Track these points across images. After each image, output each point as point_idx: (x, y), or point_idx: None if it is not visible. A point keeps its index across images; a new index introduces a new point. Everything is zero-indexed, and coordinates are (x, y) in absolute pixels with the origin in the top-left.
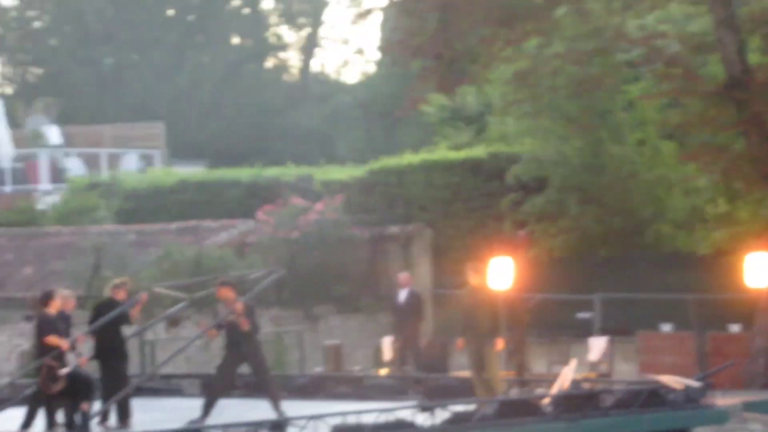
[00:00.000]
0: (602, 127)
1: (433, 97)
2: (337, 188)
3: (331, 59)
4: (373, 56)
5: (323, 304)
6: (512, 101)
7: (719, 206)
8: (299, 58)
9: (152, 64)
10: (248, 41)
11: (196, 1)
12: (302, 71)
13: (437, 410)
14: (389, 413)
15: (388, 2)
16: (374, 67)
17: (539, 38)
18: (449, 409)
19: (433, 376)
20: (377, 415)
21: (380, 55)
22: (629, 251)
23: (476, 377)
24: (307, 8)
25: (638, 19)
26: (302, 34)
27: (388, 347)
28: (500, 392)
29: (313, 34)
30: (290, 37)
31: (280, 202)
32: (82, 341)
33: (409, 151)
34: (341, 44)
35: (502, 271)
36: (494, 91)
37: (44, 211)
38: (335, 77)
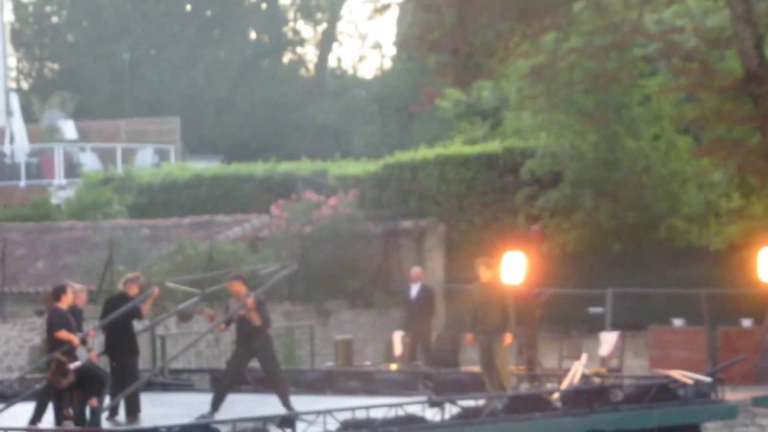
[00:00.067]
0: (618, 121)
1: (449, 91)
2: (351, 183)
3: (347, 54)
4: (389, 51)
5: (335, 298)
6: (528, 96)
7: (733, 201)
8: (316, 53)
9: (168, 59)
10: (265, 36)
11: None
12: (318, 66)
13: (447, 405)
14: (399, 408)
15: None
16: (390, 62)
17: (556, 33)
18: (459, 404)
19: (443, 371)
20: (387, 410)
21: (396, 50)
22: (643, 246)
23: (486, 372)
24: (324, 3)
25: (656, 13)
26: (319, 29)
27: (398, 342)
28: (509, 387)
29: (330, 29)
30: (307, 32)
31: (294, 196)
32: (92, 336)
33: (424, 145)
34: (358, 39)
35: (514, 265)
36: (510, 85)
37: (58, 205)
38: (351, 72)
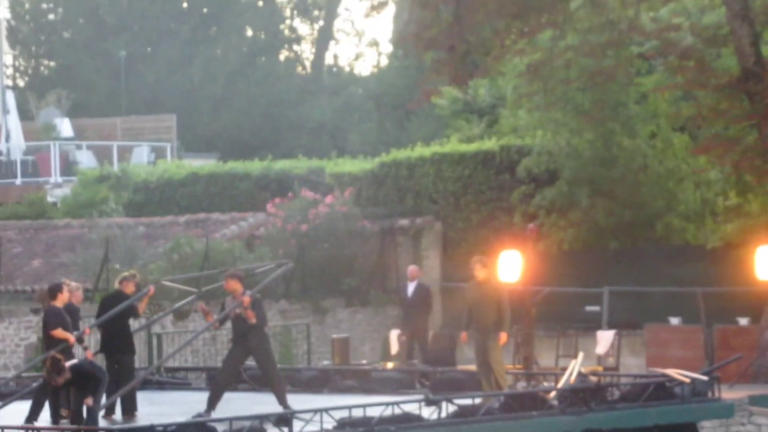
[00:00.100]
0: (614, 119)
1: (445, 89)
2: (347, 181)
3: (344, 52)
4: (386, 49)
5: (331, 297)
6: (525, 94)
7: (730, 199)
8: (312, 50)
9: (165, 56)
10: (261, 34)
11: None
12: (315, 64)
13: (444, 404)
14: (396, 407)
15: None
16: (387, 59)
17: (553, 30)
18: (456, 402)
19: (440, 369)
20: (384, 408)
21: (393, 47)
22: (639, 244)
23: (481, 371)
24: (320, 1)
25: (652, 11)
26: (316, 26)
27: (395, 340)
28: (505, 386)
29: (326, 26)
30: (304, 29)
31: (290, 194)
32: (88, 334)
33: (420, 143)
34: (354, 37)
35: (511, 263)
36: (507, 83)
37: (54, 203)
38: (348, 70)
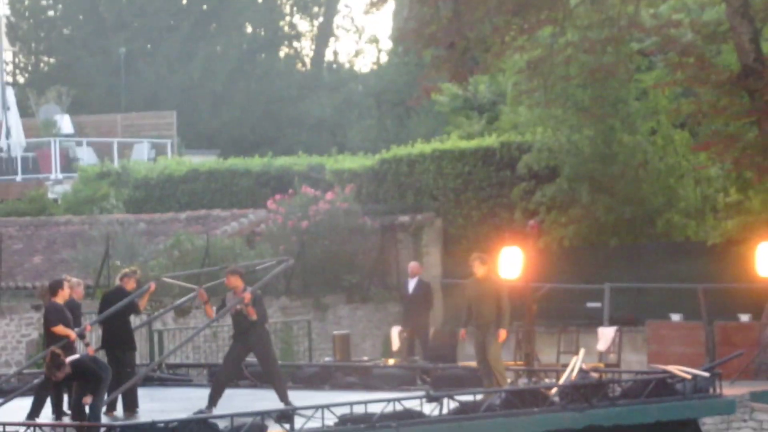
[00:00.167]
0: (614, 116)
1: (445, 86)
2: (347, 178)
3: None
4: (385, 45)
5: (332, 293)
6: (525, 90)
7: (730, 195)
8: (312, 47)
9: (165, 53)
10: (261, 30)
11: None
12: (315, 60)
13: (445, 400)
14: (397, 403)
15: None
16: (387, 56)
17: (552, 27)
18: (457, 399)
19: (441, 366)
20: (385, 405)
21: (393, 44)
22: (640, 240)
23: (481, 367)
24: None
25: (652, 7)
26: (315, 23)
27: (396, 337)
28: (503, 382)
29: (326, 23)
30: (303, 26)
31: (290, 191)
32: (89, 330)
33: (420, 140)
34: (354, 33)
35: (511, 260)
36: (507, 80)
37: (55, 200)
38: (348, 66)
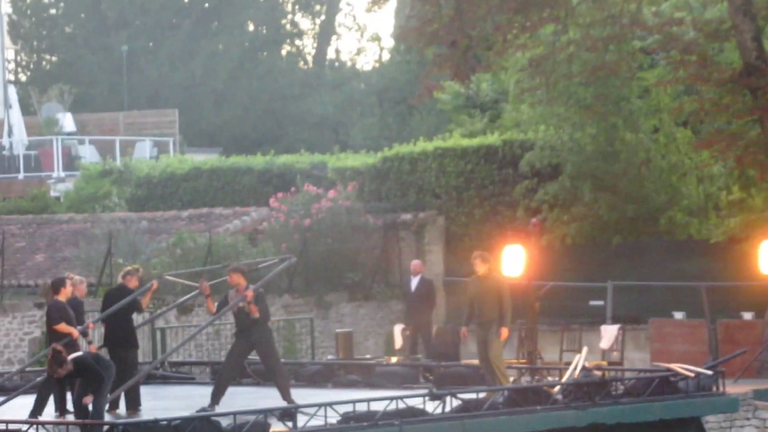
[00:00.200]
0: (617, 114)
1: (447, 84)
2: (350, 175)
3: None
4: (387, 43)
5: (335, 291)
6: (527, 88)
7: (733, 193)
8: (314, 45)
9: (167, 51)
10: (263, 28)
11: None
12: (317, 58)
13: (448, 398)
14: (400, 401)
15: None
16: (389, 54)
17: (555, 25)
18: (460, 397)
19: (443, 364)
20: (388, 403)
21: (395, 42)
22: (642, 238)
23: (483, 366)
24: None
25: (654, 5)
26: (317, 21)
27: (399, 335)
28: (504, 381)
29: (328, 21)
30: (305, 24)
31: (293, 189)
32: (92, 328)
33: (422, 138)
34: (356, 31)
35: (514, 258)
36: (509, 78)
37: (57, 198)
38: (350, 64)
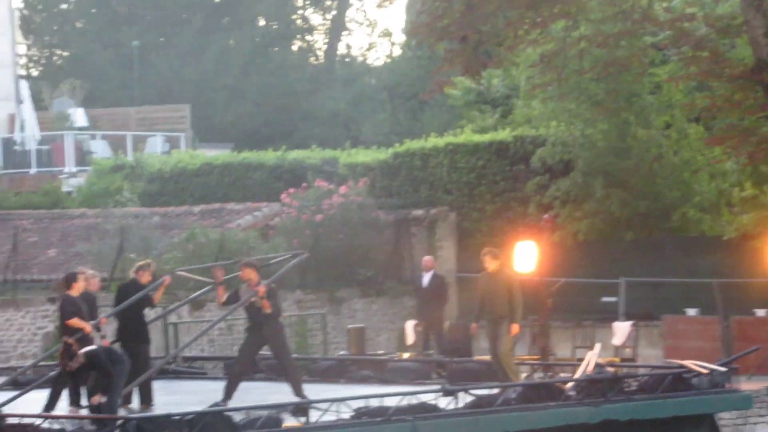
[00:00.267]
0: (628, 110)
1: (458, 79)
2: (361, 171)
3: (356, 42)
4: (398, 39)
5: (347, 287)
6: (538, 84)
7: (745, 190)
8: (325, 40)
9: (178, 46)
10: (274, 24)
11: None
12: (328, 54)
13: (460, 394)
14: (412, 397)
15: None
16: (400, 49)
17: (566, 20)
18: (472, 393)
19: (456, 359)
20: (400, 398)
21: (406, 37)
22: (655, 235)
23: (496, 362)
24: None
25: (665, 1)
26: (328, 16)
27: (411, 331)
28: (513, 377)
29: (339, 16)
30: (316, 19)
31: (304, 185)
32: (104, 323)
33: (434, 134)
34: (367, 27)
35: (526, 254)
36: (520, 74)
37: (69, 193)
38: (361, 60)
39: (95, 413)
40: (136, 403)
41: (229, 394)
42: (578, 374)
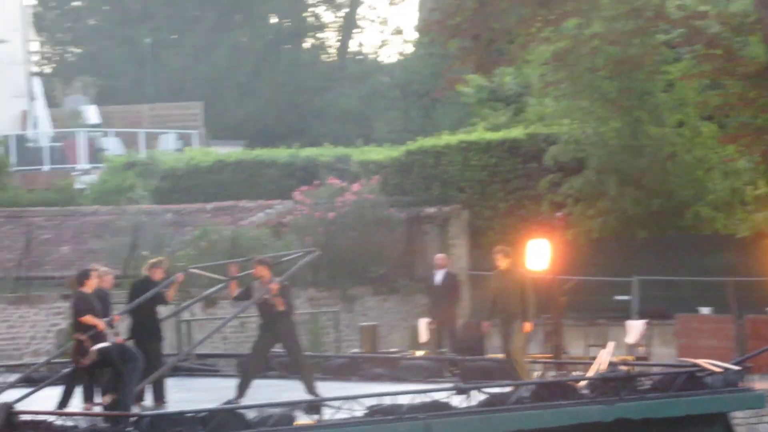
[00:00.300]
0: (641, 108)
1: (471, 77)
2: (374, 169)
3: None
4: (410, 36)
5: (359, 285)
6: (551, 82)
7: (759, 188)
8: (337, 38)
9: (190, 43)
10: (286, 21)
11: None
12: (340, 51)
13: (473, 392)
14: (425, 395)
15: None
16: (412, 47)
17: (578, 18)
18: (485, 391)
19: (469, 357)
20: (413, 396)
21: (418, 35)
22: (668, 233)
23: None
24: None
25: None
26: (340, 14)
27: (424, 329)
28: (523, 375)
29: (351, 14)
30: (328, 17)
31: (317, 182)
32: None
33: (446, 131)
34: (379, 24)
35: (539, 252)
36: (533, 71)
37: (82, 190)
38: (373, 57)
39: (109, 410)
40: (149, 400)
41: (242, 391)
42: (591, 373)
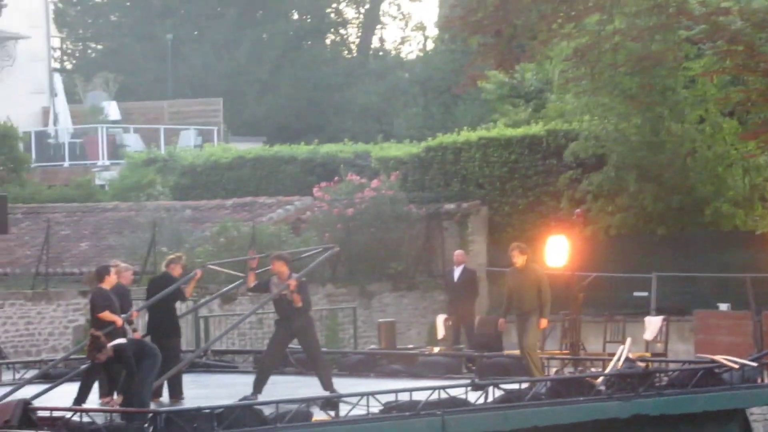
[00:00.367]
0: (662, 104)
1: (491, 73)
2: (393, 165)
3: (390, 36)
4: (432, 33)
5: (378, 281)
6: (572, 78)
7: None
8: (358, 34)
9: (211, 40)
10: (308, 17)
11: None
12: (361, 48)
13: (490, 388)
14: (442, 391)
15: None
16: (433, 43)
17: (600, 14)
18: (502, 387)
19: (486, 354)
20: (430, 392)
21: (439, 31)
22: (687, 229)
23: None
24: None
25: None
26: (362, 10)
27: (441, 325)
28: (536, 372)
29: (372, 10)
30: (350, 13)
31: (336, 178)
32: (135, 317)
33: (466, 128)
34: (401, 21)
35: (558, 249)
36: (553, 67)
37: (102, 186)
38: (394, 54)
39: (127, 404)
40: (166, 396)
41: (258, 387)
42: (609, 369)
